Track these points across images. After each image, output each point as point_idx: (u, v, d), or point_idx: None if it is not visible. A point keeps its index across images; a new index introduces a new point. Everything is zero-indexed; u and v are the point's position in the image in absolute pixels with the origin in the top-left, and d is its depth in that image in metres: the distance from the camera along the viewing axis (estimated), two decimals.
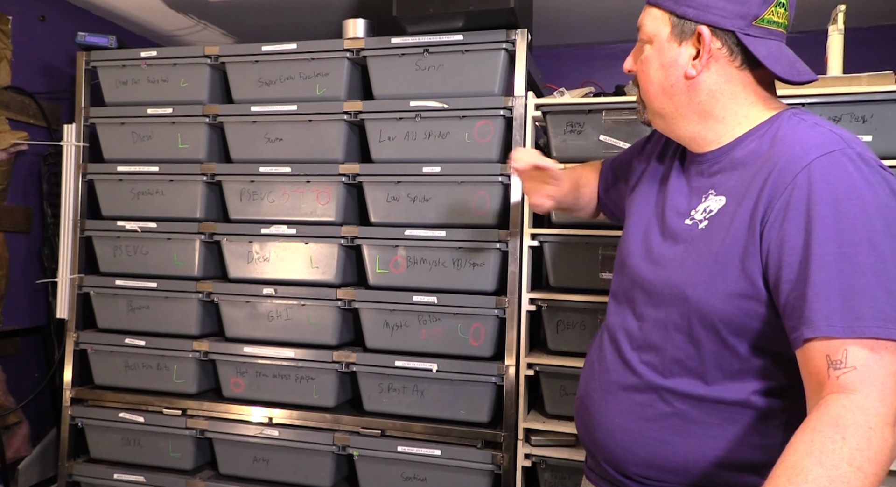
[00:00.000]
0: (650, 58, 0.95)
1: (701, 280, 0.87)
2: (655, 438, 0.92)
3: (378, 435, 1.81)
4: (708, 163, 0.95)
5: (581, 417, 1.05)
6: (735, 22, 0.88)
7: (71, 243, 2.09)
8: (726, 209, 0.88)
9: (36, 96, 2.22)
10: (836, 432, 0.69)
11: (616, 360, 0.99)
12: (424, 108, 1.81)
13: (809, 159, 0.80)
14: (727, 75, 0.91)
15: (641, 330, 0.96)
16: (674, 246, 0.94)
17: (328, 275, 1.90)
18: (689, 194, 0.96)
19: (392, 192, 1.86)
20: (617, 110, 1.72)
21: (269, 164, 1.93)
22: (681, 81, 0.92)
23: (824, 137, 0.83)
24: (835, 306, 0.74)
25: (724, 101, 0.92)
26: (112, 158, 2.09)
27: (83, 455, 2.10)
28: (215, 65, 2.01)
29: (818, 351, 0.75)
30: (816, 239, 0.77)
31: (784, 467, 0.69)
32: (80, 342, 2.07)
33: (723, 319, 0.86)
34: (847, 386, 0.72)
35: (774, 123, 0.90)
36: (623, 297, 1.02)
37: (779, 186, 0.82)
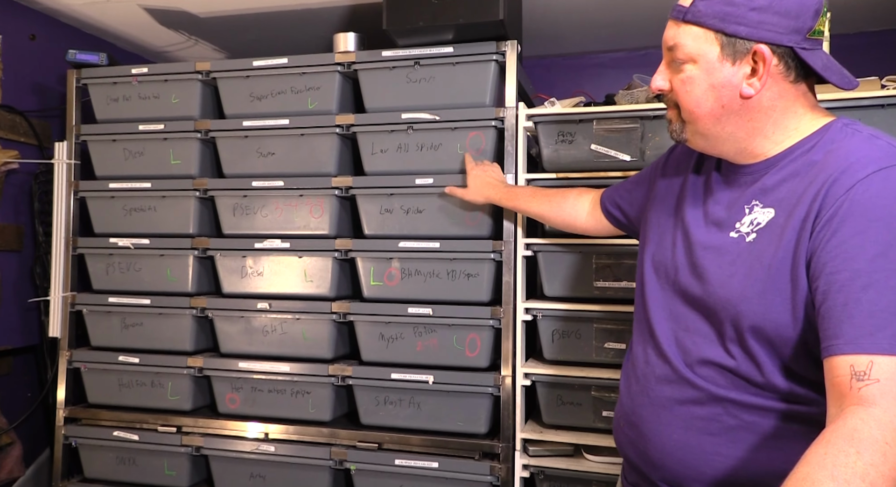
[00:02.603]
0: (696, 79, 0.90)
1: (754, 294, 0.86)
2: (724, 453, 0.90)
3: (375, 449, 1.80)
4: (754, 175, 0.93)
5: (627, 436, 1.03)
6: (792, 37, 0.86)
7: (63, 261, 2.08)
8: (776, 221, 0.86)
9: (27, 115, 2.22)
10: (850, 445, 0.68)
11: (669, 373, 0.96)
12: (416, 120, 1.82)
13: (867, 172, 0.79)
14: (781, 91, 0.89)
15: (695, 344, 0.94)
16: (719, 259, 0.92)
17: (322, 288, 1.90)
18: (732, 205, 0.94)
19: (385, 204, 1.86)
20: (608, 119, 1.74)
21: (262, 178, 1.94)
22: (735, 100, 0.89)
23: (883, 151, 0.82)
24: (885, 325, 0.73)
25: (776, 117, 0.90)
26: (104, 175, 2.09)
27: (77, 475, 2.09)
28: (206, 80, 2.02)
29: (845, 363, 0.74)
30: (866, 256, 0.76)
31: (796, 478, 0.68)
32: (73, 360, 2.06)
33: (778, 331, 0.85)
34: (867, 399, 0.71)
35: (826, 134, 0.88)
36: (670, 311, 0.99)
37: (830, 198, 0.80)
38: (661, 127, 1.71)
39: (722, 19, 0.87)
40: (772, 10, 0.85)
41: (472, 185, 1.68)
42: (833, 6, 2.09)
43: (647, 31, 2.39)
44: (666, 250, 1.02)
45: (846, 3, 2.12)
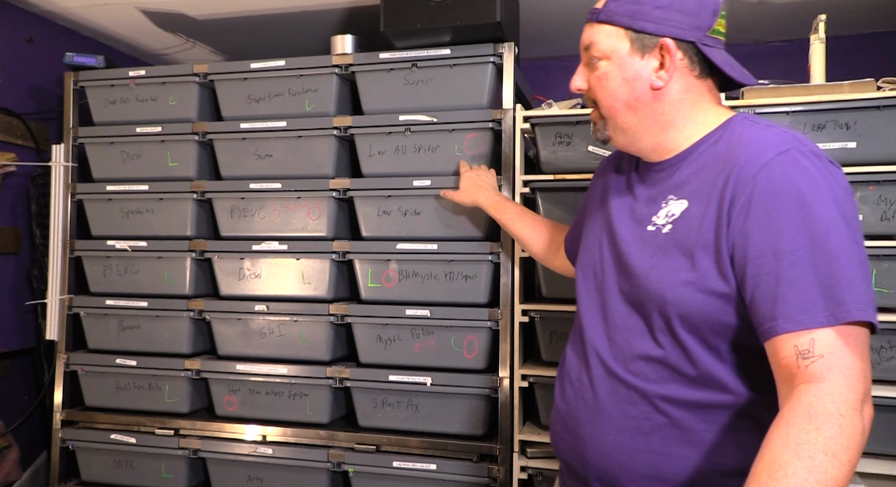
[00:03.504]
0: (610, 74, 0.97)
1: (677, 283, 0.89)
2: (655, 451, 0.92)
3: (373, 451, 1.80)
4: (667, 170, 0.98)
5: (564, 439, 1.04)
6: (694, 33, 0.93)
7: (60, 264, 2.08)
8: (690, 211, 0.91)
9: (24, 117, 2.22)
10: (809, 422, 0.71)
11: (602, 374, 0.99)
12: (414, 122, 1.82)
13: (768, 158, 0.84)
14: (688, 85, 0.95)
15: (626, 340, 0.96)
16: (640, 253, 0.96)
17: (320, 290, 1.90)
18: (649, 201, 0.99)
19: (383, 206, 1.87)
20: None
21: (260, 180, 1.94)
22: (647, 93, 0.95)
23: (779, 137, 0.87)
24: (815, 297, 0.77)
25: (685, 110, 0.96)
26: (101, 178, 2.08)
27: (74, 478, 2.08)
28: (204, 83, 2.02)
29: (787, 341, 0.78)
30: (784, 236, 0.80)
31: (764, 463, 0.71)
32: (70, 363, 2.05)
33: (703, 318, 0.88)
34: (816, 375, 0.75)
35: (728, 128, 0.94)
36: (598, 310, 1.02)
37: (740, 184, 0.85)
38: None
39: (630, 17, 0.94)
40: (674, 9, 0.92)
41: (464, 187, 1.67)
42: (828, 9, 2.11)
43: None
44: (594, 254, 1.06)
45: (841, 6, 2.13)
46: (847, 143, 1.60)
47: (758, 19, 2.27)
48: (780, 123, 1.64)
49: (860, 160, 1.60)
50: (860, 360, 0.76)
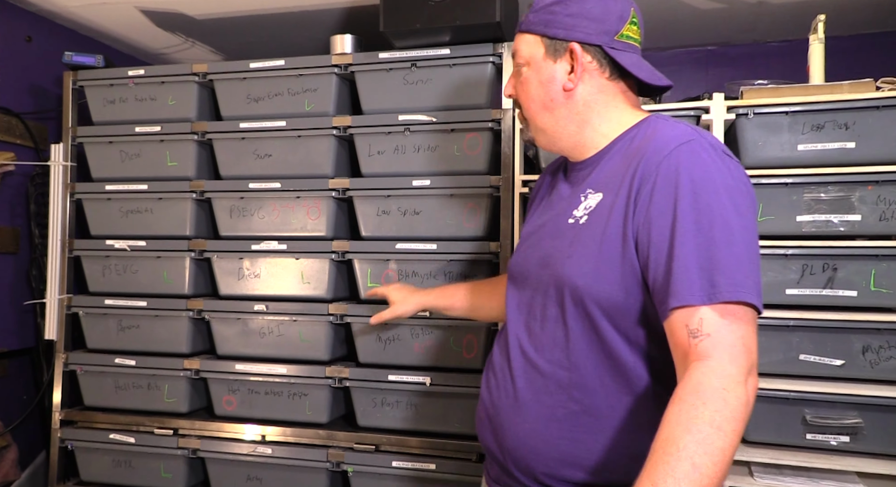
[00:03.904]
0: (529, 78, 1.05)
1: (590, 269, 0.94)
2: (568, 437, 0.96)
3: (372, 451, 1.80)
4: (588, 168, 1.04)
5: (487, 428, 1.08)
6: (601, 37, 1.00)
7: (59, 264, 2.07)
8: (604, 202, 0.96)
9: (23, 116, 2.21)
10: (697, 398, 0.77)
11: (521, 365, 1.03)
12: (413, 122, 1.82)
13: (670, 148, 0.91)
14: (599, 86, 1.02)
15: (544, 329, 1.01)
16: (559, 243, 1.01)
17: (319, 290, 1.90)
18: (570, 197, 1.05)
19: (382, 206, 1.87)
20: None
21: (259, 180, 1.94)
22: (560, 94, 1.02)
23: (682, 131, 0.93)
24: (694, 276, 0.83)
25: (598, 109, 1.03)
26: (100, 178, 2.08)
27: (73, 478, 2.07)
28: (203, 82, 2.01)
29: (680, 321, 0.83)
30: (678, 218, 0.86)
31: (660, 440, 0.77)
32: (69, 363, 2.05)
33: (614, 304, 0.93)
34: (704, 353, 0.80)
35: (642, 126, 1.01)
36: (521, 304, 1.07)
37: (645, 173, 0.91)
38: None
39: (545, 25, 1.02)
40: (581, 16, 1.00)
41: (396, 299, 1.57)
42: (827, 9, 2.11)
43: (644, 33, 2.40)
44: (521, 253, 1.11)
45: (840, 6, 2.14)
46: (846, 143, 1.60)
47: (757, 19, 2.27)
48: (780, 124, 1.65)
49: (859, 160, 1.60)
50: (743, 337, 0.81)
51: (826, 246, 1.59)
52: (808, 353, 1.61)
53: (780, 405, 1.60)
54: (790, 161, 1.65)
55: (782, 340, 1.63)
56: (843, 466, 1.54)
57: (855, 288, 1.59)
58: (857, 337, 1.58)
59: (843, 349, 1.59)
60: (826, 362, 1.60)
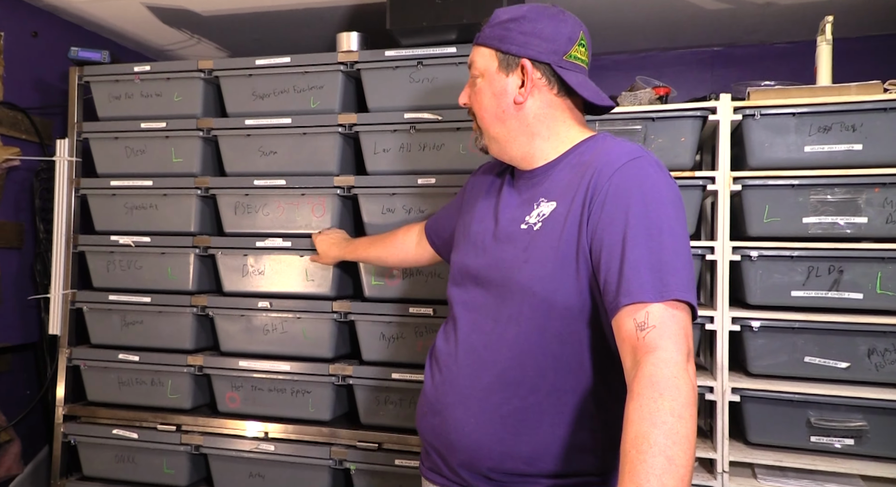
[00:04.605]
0: (483, 89, 1.11)
1: (546, 274, 0.99)
2: (511, 433, 1.02)
3: (375, 449, 1.80)
4: (538, 177, 1.10)
5: (430, 422, 1.12)
6: (550, 56, 1.06)
7: (64, 259, 2.07)
8: (558, 210, 1.02)
9: (28, 112, 2.21)
10: (653, 390, 0.81)
11: (469, 362, 1.07)
12: (419, 120, 1.82)
13: (621, 163, 0.98)
14: (548, 101, 1.08)
15: (493, 330, 1.05)
16: (512, 248, 1.05)
17: (323, 288, 1.90)
18: (521, 204, 1.09)
19: (387, 204, 1.86)
20: (610, 121, 1.74)
21: (264, 177, 1.93)
22: (511, 106, 1.08)
23: (630, 148, 1.01)
24: (646, 277, 0.88)
25: (548, 122, 1.09)
26: (105, 173, 2.08)
27: (76, 473, 2.07)
28: (209, 79, 2.01)
29: (628, 316, 0.88)
30: (630, 224, 0.93)
31: (629, 438, 0.80)
32: (72, 358, 2.05)
33: (568, 306, 0.99)
34: (651, 344, 0.85)
35: (590, 142, 1.08)
36: (471, 303, 1.11)
37: (598, 184, 0.98)
38: (664, 129, 1.71)
39: (500, 40, 1.08)
40: (533, 34, 1.06)
41: (320, 250, 1.82)
42: (835, 10, 2.10)
43: (649, 34, 2.39)
44: (469, 253, 1.15)
45: (848, 7, 2.12)
46: (853, 145, 1.60)
47: (764, 20, 2.26)
48: (787, 125, 1.64)
49: (866, 162, 1.59)
50: (684, 327, 0.88)
51: (832, 248, 1.58)
52: (813, 355, 1.60)
53: (785, 407, 1.59)
54: (797, 162, 1.64)
55: (787, 342, 1.62)
56: (847, 469, 1.54)
57: (861, 291, 1.59)
58: (863, 340, 1.57)
59: (849, 352, 1.58)
60: (831, 364, 1.60)
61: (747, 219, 1.67)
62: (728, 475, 1.60)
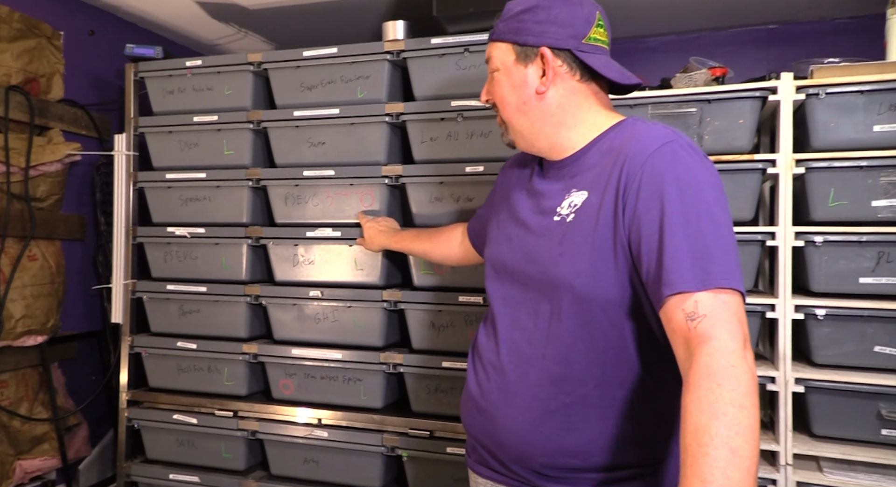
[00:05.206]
0: (502, 82, 1.08)
1: (584, 268, 0.97)
2: (561, 427, 1.00)
3: (427, 436, 1.80)
4: (567, 167, 1.07)
5: (477, 419, 1.11)
6: (569, 42, 1.04)
7: (124, 250, 2.13)
8: (590, 201, 0.99)
9: (87, 108, 2.28)
10: (711, 381, 0.78)
11: (513, 359, 1.06)
12: (466, 108, 1.79)
13: (653, 148, 0.94)
14: (571, 88, 1.05)
15: (535, 325, 1.03)
16: (547, 242, 1.03)
17: (373, 277, 1.90)
18: (552, 195, 1.07)
19: (435, 192, 1.85)
20: (663, 104, 1.68)
21: (313, 168, 1.94)
22: (532, 97, 1.05)
23: (662, 132, 0.97)
24: (687, 265, 0.86)
25: (573, 111, 1.06)
26: (161, 166, 2.13)
27: (140, 456, 2.15)
28: (258, 71, 2.02)
29: (676, 307, 0.86)
30: (666, 213, 0.89)
31: (689, 431, 0.77)
32: (134, 345, 2.11)
33: (610, 299, 0.96)
34: (703, 334, 0.82)
35: (620, 127, 1.04)
36: (509, 299, 1.10)
37: (631, 172, 0.94)
38: (721, 111, 1.64)
39: (515, 33, 1.06)
40: (549, 22, 1.04)
41: (367, 236, 1.82)
42: None
43: (698, 14, 2.29)
44: (503, 247, 1.13)
45: None
46: None
47: None
48: (854, 104, 1.56)
49: None
50: (736, 313, 0.84)
51: None
52: (883, 344, 1.53)
53: (853, 398, 1.52)
54: (865, 143, 1.55)
55: (856, 331, 1.54)
56: None
57: None
58: None
59: None
60: None
61: (811, 203, 1.59)
62: (792, 468, 1.54)
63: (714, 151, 1.64)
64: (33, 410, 2.09)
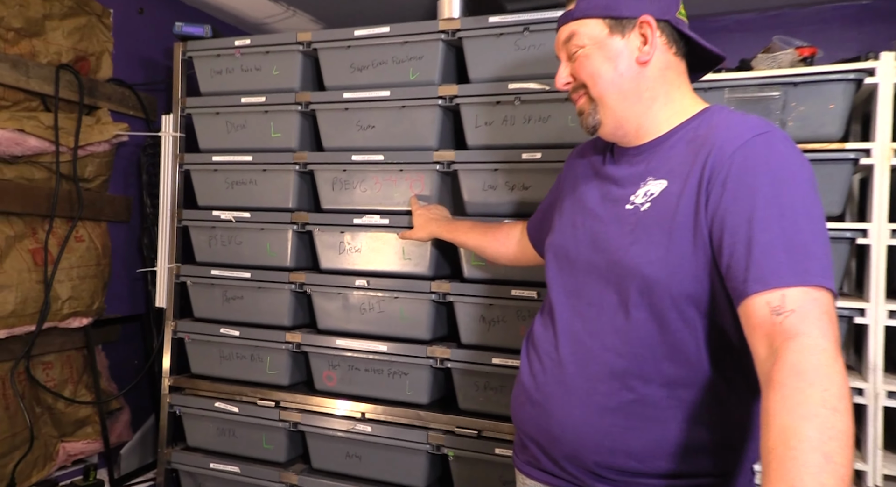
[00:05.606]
0: (592, 56, 1.02)
1: (657, 258, 0.93)
2: (621, 426, 0.95)
3: (474, 436, 1.72)
4: (644, 153, 1.03)
5: (529, 413, 1.07)
6: (666, 14, 1.00)
7: (169, 233, 2.11)
8: (670, 190, 0.95)
9: (135, 88, 2.25)
10: (800, 380, 0.73)
11: (572, 351, 1.02)
12: (524, 90, 1.69)
13: (744, 139, 0.90)
14: (667, 62, 1.02)
15: (598, 317, 0.99)
16: (618, 230, 0.99)
17: (421, 267, 1.83)
18: (624, 183, 1.03)
19: (489, 180, 1.76)
20: (742, 87, 1.55)
21: (362, 152, 1.87)
22: (632, 68, 1.00)
23: (755, 122, 0.93)
24: (781, 260, 0.81)
25: (666, 87, 1.02)
26: (207, 148, 2.09)
27: (181, 443, 2.13)
28: (307, 51, 1.96)
29: (760, 301, 0.81)
30: (758, 205, 0.85)
31: (775, 433, 0.71)
32: (177, 330, 2.09)
33: (684, 292, 0.92)
34: (791, 330, 0.77)
35: (705, 115, 1.00)
36: (571, 288, 1.06)
37: (718, 162, 0.90)
38: (808, 95, 1.50)
39: (605, 8, 1.01)
40: None
41: (417, 223, 1.75)
42: None
43: None
44: (566, 235, 1.10)
45: None
46: None
47: None
48: None
49: None
50: (827, 311, 0.79)
51: None
52: None
53: None
54: None
55: None
56: None
57: None
58: None
59: None
60: None
61: None
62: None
63: (799, 139, 1.50)
64: (77, 392, 2.09)
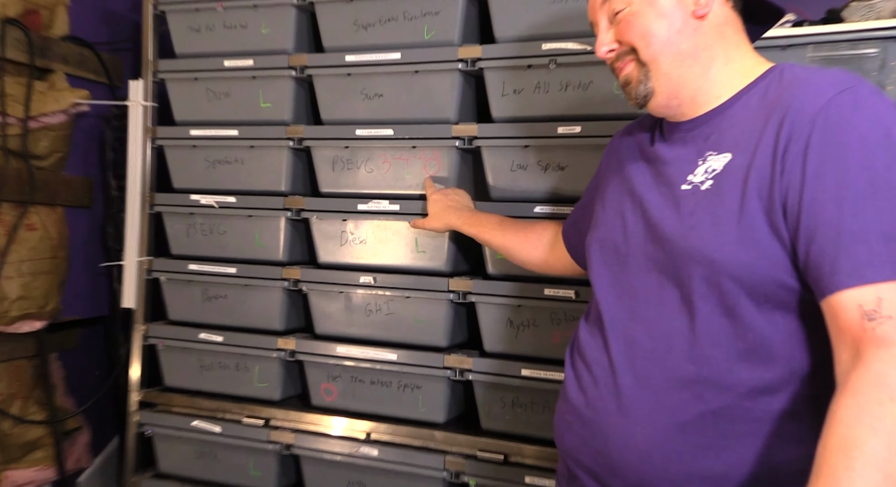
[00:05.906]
0: (642, 14, 1.06)
1: (727, 241, 0.96)
2: (696, 445, 0.98)
3: (500, 462, 1.81)
4: (701, 126, 1.07)
5: (579, 435, 1.10)
6: None
7: (138, 221, 2.19)
8: (735, 163, 0.98)
9: (96, 47, 2.34)
10: (882, 392, 0.77)
11: (628, 358, 1.05)
12: (561, 51, 1.77)
13: (827, 97, 0.92)
14: (725, 16, 1.07)
15: (658, 316, 1.03)
16: (676, 214, 1.03)
17: (437, 261, 1.92)
18: (679, 162, 1.08)
19: (518, 158, 1.84)
20: (830, 43, 1.62)
21: (368, 125, 1.96)
22: (688, 23, 1.05)
23: (837, 77, 0.95)
24: (878, 250, 0.83)
25: (725, 45, 1.07)
26: (184, 121, 2.19)
27: (150, 469, 2.21)
28: (302, 5, 2.05)
29: (850, 301, 0.84)
30: (848, 181, 0.87)
31: (834, 442, 0.77)
32: (148, 335, 2.18)
33: (754, 279, 0.95)
34: (885, 339, 0.80)
35: (773, 73, 1.04)
36: (622, 286, 1.10)
37: (796, 128, 0.92)
38: None
39: None
40: None
41: (432, 211, 1.81)
42: None
43: None
44: (615, 227, 1.15)
45: None
46: None
47: None
48: None
49: None
50: None
51: None
52: None
53: None
54: None
55: None
56: None
57: None
58: None
59: None
60: None
61: None
62: None
63: None
64: (27, 410, 2.16)
